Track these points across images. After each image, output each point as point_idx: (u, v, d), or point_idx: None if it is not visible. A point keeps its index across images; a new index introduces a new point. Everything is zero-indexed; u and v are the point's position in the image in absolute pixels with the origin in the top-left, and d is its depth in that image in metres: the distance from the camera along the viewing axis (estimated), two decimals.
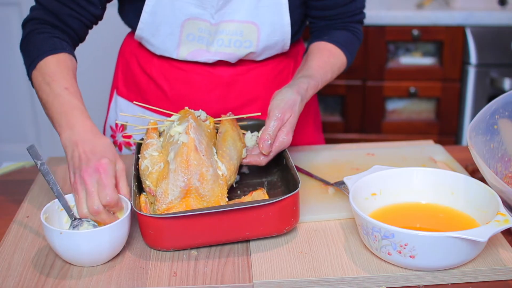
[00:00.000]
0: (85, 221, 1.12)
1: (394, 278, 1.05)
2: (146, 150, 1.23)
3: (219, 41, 1.41)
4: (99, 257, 1.08)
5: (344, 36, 1.48)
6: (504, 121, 1.28)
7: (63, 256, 1.08)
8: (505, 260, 1.07)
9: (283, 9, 1.39)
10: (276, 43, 1.44)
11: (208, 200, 1.14)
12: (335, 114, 2.81)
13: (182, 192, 1.13)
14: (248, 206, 1.09)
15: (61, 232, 1.05)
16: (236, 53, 1.42)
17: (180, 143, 1.16)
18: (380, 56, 2.65)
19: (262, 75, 1.51)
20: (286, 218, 1.13)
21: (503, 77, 2.57)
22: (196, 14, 1.37)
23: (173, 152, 1.16)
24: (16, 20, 3.03)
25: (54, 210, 1.13)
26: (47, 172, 1.13)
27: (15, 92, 3.17)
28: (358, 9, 1.50)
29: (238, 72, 1.48)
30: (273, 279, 1.04)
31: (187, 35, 1.40)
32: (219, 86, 1.48)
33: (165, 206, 1.13)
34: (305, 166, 1.41)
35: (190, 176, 1.13)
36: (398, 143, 1.58)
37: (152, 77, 1.51)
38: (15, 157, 3.16)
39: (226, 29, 1.39)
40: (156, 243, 1.11)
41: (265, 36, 1.41)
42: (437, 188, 1.20)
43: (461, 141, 2.72)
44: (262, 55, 1.46)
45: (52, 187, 1.13)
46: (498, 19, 2.55)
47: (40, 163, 1.13)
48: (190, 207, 1.13)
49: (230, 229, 1.10)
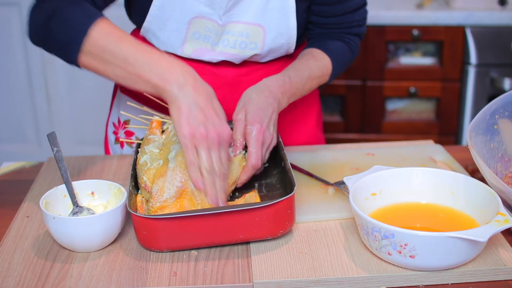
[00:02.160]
0: (86, 209, 1.16)
1: (394, 278, 1.05)
2: (147, 145, 1.22)
3: (224, 41, 1.40)
4: (91, 243, 1.11)
5: (336, 45, 1.46)
6: (504, 121, 1.28)
7: (58, 240, 1.12)
8: (505, 260, 1.07)
9: (290, 12, 1.39)
10: (281, 46, 1.44)
11: (202, 204, 1.14)
12: (335, 114, 2.82)
13: (178, 192, 1.13)
14: (242, 208, 1.08)
15: (54, 217, 1.09)
16: (241, 54, 1.42)
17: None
18: (380, 56, 2.65)
19: (266, 76, 1.51)
20: (281, 221, 1.12)
21: (503, 77, 2.57)
22: (205, 13, 1.37)
23: (174, 151, 1.16)
24: (16, 20, 3.03)
25: (56, 196, 1.18)
26: (61, 159, 1.18)
27: (15, 92, 3.18)
28: (356, 21, 1.47)
29: (242, 73, 1.48)
30: (273, 279, 1.04)
31: (193, 33, 1.40)
32: (223, 87, 1.48)
33: (159, 204, 1.13)
34: (305, 166, 1.41)
35: (188, 177, 1.13)
36: (398, 143, 1.58)
37: None
38: (15, 157, 3.16)
39: (233, 30, 1.39)
40: (150, 244, 1.11)
41: (271, 39, 1.41)
42: (437, 188, 1.20)
43: (461, 141, 2.72)
44: (266, 57, 1.46)
45: (62, 173, 1.18)
46: (498, 19, 2.55)
47: (56, 150, 1.18)
48: (184, 208, 1.13)
49: (224, 231, 1.10)
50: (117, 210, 1.11)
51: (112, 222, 1.11)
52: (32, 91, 3.17)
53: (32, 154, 3.21)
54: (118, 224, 1.13)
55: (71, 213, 1.17)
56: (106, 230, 1.11)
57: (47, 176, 1.40)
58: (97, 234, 1.10)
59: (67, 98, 3.18)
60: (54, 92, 3.15)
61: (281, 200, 1.09)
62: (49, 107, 3.20)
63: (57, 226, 1.10)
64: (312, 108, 1.63)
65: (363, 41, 2.60)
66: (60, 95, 3.14)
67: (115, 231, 1.13)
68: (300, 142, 1.61)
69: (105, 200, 1.21)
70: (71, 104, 3.16)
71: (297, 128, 1.60)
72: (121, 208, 1.12)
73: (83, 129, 3.22)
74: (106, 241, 1.13)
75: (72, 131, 3.23)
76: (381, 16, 2.59)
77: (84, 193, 1.21)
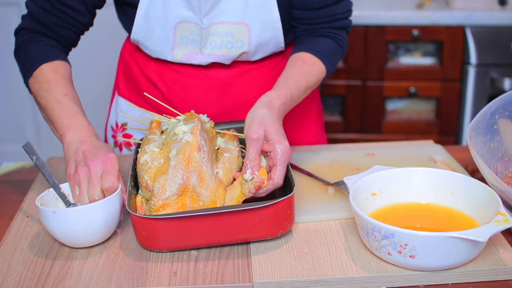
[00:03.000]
0: (80, 205, 1.16)
1: (394, 278, 1.05)
2: (147, 145, 1.23)
3: (211, 43, 1.41)
4: (93, 235, 1.13)
5: (324, 44, 1.44)
6: (504, 121, 1.28)
7: (59, 236, 1.12)
8: (505, 260, 1.07)
9: (271, 5, 1.38)
10: (269, 40, 1.43)
11: (204, 200, 1.14)
12: (335, 114, 2.82)
13: (180, 190, 1.13)
14: (241, 209, 1.08)
15: (54, 211, 1.10)
16: (229, 54, 1.42)
17: (184, 142, 1.16)
18: (380, 56, 2.65)
19: (259, 77, 1.50)
20: (280, 222, 1.12)
21: (503, 77, 2.57)
22: (187, 17, 1.37)
23: (175, 150, 1.16)
24: (16, 20, 3.01)
25: (49, 198, 1.18)
26: (42, 166, 1.19)
27: (15, 92, 3.17)
28: (340, 13, 1.44)
29: (234, 74, 1.48)
30: (273, 279, 1.04)
31: (180, 38, 1.41)
32: (215, 89, 1.48)
33: (162, 202, 1.13)
34: (305, 166, 1.41)
35: (190, 174, 1.13)
36: (398, 143, 1.58)
37: (150, 79, 1.51)
38: (15, 157, 3.16)
39: (217, 31, 1.39)
40: (149, 244, 1.11)
41: (256, 35, 1.40)
42: (437, 188, 1.20)
43: (461, 141, 2.72)
44: (256, 54, 1.46)
45: (47, 178, 1.18)
46: (498, 19, 2.55)
47: (35, 158, 1.19)
48: (186, 206, 1.14)
49: (224, 231, 1.10)
50: (115, 197, 1.13)
51: (112, 210, 1.13)
52: None
53: None
54: (117, 211, 1.15)
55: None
56: (106, 218, 1.12)
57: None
58: (99, 223, 1.11)
59: None
60: None
61: (281, 200, 1.09)
62: None
63: (58, 221, 1.10)
64: (311, 106, 1.62)
65: (363, 41, 2.61)
66: None
67: (115, 219, 1.15)
68: (301, 139, 1.61)
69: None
70: None
71: (296, 126, 1.60)
72: (118, 195, 1.15)
73: None
74: (107, 231, 1.14)
75: None
76: (381, 16, 2.59)
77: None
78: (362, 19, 2.57)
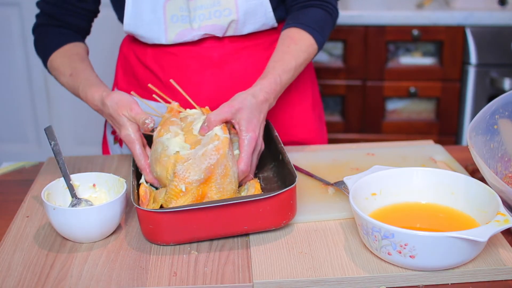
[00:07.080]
0: (84, 201, 1.19)
1: (394, 278, 1.05)
2: (171, 126, 1.23)
3: (200, 16, 1.43)
4: (90, 234, 1.14)
5: (311, 15, 1.45)
6: (504, 121, 1.28)
7: (58, 230, 1.15)
8: (505, 260, 1.07)
9: None
10: (256, 8, 1.44)
11: (224, 195, 1.17)
12: (335, 114, 2.82)
13: (204, 177, 1.15)
14: (246, 200, 1.10)
15: (54, 208, 1.12)
16: (219, 24, 1.44)
17: (213, 135, 1.19)
18: (380, 56, 2.65)
19: (253, 54, 1.51)
20: (284, 212, 1.14)
21: (503, 77, 2.57)
22: None
23: (208, 137, 1.18)
24: (16, 20, 3.03)
25: (58, 187, 1.21)
26: (58, 152, 1.22)
27: (15, 92, 3.18)
28: None
29: (227, 51, 1.49)
30: (273, 279, 1.04)
31: (171, 17, 1.43)
32: (210, 67, 1.49)
33: (184, 186, 1.14)
34: (305, 166, 1.41)
35: (217, 165, 1.15)
36: (398, 143, 1.58)
37: (148, 66, 1.53)
38: (15, 157, 3.16)
39: (204, 3, 1.42)
40: (155, 237, 1.12)
41: (243, 1, 1.42)
42: (437, 188, 1.20)
43: (461, 141, 2.72)
44: (245, 25, 1.46)
45: (60, 166, 1.21)
46: (498, 19, 2.55)
47: (54, 143, 1.23)
48: (205, 195, 1.15)
49: (229, 223, 1.12)
50: (115, 202, 1.14)
51: (110, 214, 1.14)
52: (32, 91, 3.17)
53: (32, 154, 3.22)
54: (117, 215, 1.15)
55: (70, 205, 1.20)
56: (104, 222, 1.13)
57: (47, 176, 1.40)
58: (96, 225, 1.13)
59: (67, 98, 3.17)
60: (54, 92, 3.15)
61: (284, 191, 1.12)
62: (49, 107, 3.20)
63: (57, 217, 1.12)
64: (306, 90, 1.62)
65: (363, 41, 2.61)
66: (60, 95, 3.14)
67: (114, 222, 1.16)
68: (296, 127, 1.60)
69: (107, 192, 1.24)
70: (71, 105, 3.16)
71: (290, 112, 1.59)
72: (119, 200, 1.15)
73: (83, 129, 3.22)
74: (105, 232, 1.16)
75: (72, 131, 3.23)
76: (381, 16, 2.59)
77: (86, 185, 1.24)
78: (362, 19, 2.57)
